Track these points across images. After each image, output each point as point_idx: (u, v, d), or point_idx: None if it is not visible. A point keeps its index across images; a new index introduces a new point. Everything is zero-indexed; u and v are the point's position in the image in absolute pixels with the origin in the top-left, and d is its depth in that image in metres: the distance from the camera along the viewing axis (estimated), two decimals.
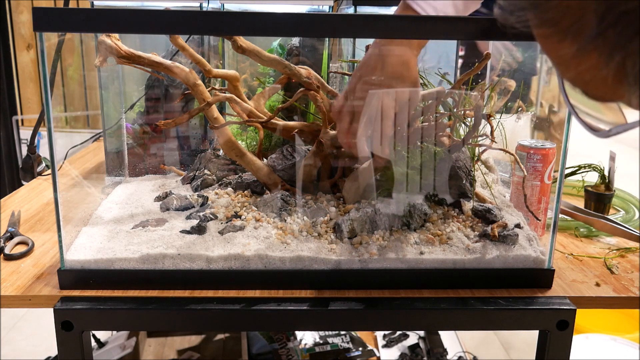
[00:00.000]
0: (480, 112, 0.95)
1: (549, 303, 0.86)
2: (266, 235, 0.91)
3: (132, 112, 1.25)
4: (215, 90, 1.06)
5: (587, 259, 1.01)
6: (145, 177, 1.23)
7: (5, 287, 0.86)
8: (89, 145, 1.61)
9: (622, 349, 1.82)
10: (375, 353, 1.74)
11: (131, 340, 1.68)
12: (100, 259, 0.87)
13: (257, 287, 0.88)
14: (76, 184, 1.24)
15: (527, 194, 1.00)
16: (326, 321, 0.87)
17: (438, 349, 1.77)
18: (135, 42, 1.01)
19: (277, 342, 1.71)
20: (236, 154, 1.04)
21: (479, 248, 0.90)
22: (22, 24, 3.03)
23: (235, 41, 0.94)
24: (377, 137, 0.89)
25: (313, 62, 1.14)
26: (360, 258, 0.88)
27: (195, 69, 1.00)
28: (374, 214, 0.93)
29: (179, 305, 0.84)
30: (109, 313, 0.83)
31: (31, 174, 1.34)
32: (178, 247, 0.88)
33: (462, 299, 0.86)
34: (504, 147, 1.03)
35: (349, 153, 1.01)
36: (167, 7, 1.05)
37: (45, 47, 0.78)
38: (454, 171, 1.01)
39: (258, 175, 1.05)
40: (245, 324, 0.88)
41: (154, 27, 0.77)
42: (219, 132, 1.01)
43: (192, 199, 1.03)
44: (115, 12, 0.75)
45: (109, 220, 0.99)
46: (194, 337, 1.80)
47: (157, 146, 1.24)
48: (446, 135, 1.02)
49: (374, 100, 0.86)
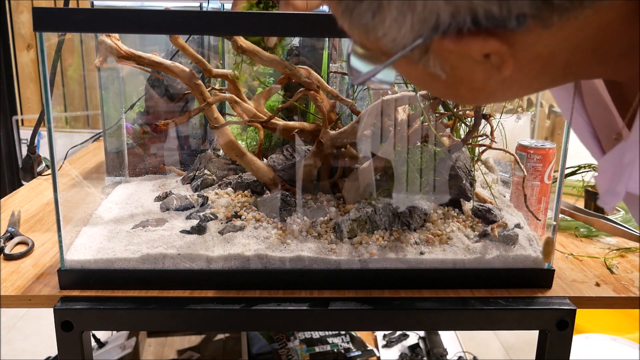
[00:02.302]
0: (480, 112, 0.95)
1: (549, 303, 0.86)
2: (266, 235, 0.91)
3: (132, 112, 1.25)
4: (215, 90, 1.06)
5: (587, 259, 1.01)
6: (145, 177, 1.23)
7: (5, 287, 0.86)
8: (89, 145, 1.60)
9: (622, 349, 1.82)
10: (375, 353, 1.74)
11: (131, 340, 1.68)
12: (100, 259, 0.87)
13: (257, 287, 0.88)
14: (76, 184, 1.24)
15: (527, 194, 1.00)
16: (326, 321, 0.87)
17: (438, 349, 1.76)
18: (135, 42, 1.01)
19: (277, 342, 1.71)
20: (236, 154, 1.03)
21: (479, 248, 0.90)
22: (22, 24, 3.03)
23: (235, 41, 0.94)
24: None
25: (313, 62, 1.14)
26: (360, 258, 0.88)
27: (195, 69, 1.00)
28: (374, 214, 0.93)
29: (179, 305, 0.84)
30: (109, 313, 0.83)
31: (31, 174, 1.34)
32: (178, 247, 0.88)
33: (462, 299, 0.86)
34: (504, 147, 1.03)
35: (349, 153, 1.01)
36: (167, 7, 1.05)
37: (45, 47, 0.78)
38: (454, 171, 1.01)
39: (258, 175, 1.05)
40: (245, 324, 0.88)
41: (154, 27, 0.77)
42: (219, 132, 1.01)
43: (192, 199, 1.03)
44: (115, 12, 0.75)
45: (109, 220, 0.99)
46: (194, 337, 1.80)
47: (157, 146, 1.24)
48: (446, 135, 1.02)
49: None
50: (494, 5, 0.36)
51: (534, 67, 0.42)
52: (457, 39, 0.38)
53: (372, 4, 0.39)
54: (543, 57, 0.41)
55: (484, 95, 0.46)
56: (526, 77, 0.43)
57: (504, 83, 0.43)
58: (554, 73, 0.43)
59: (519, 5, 0.36)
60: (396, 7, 0.38)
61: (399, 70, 0.46)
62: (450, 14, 0.37)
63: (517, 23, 0.37)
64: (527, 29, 0.38)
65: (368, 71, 0.44)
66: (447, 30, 0.38)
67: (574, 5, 0.37)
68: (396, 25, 0.39)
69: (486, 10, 0.36)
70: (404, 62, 0.43)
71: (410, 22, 0.38)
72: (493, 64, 0.40)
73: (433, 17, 0.37)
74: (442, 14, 0.37)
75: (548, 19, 0.37)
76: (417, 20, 0.38)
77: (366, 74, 0.45)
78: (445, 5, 0.37)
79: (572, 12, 0.37)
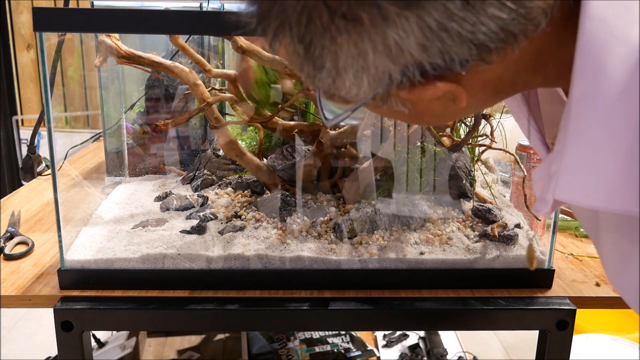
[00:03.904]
0: (480, 112, 0.95)
1: (549, 303, 0.86)
2: (266, 235, 0.91)
3: (132, 112, 1.25)
4: (215, 90, 1.06)
5: (587, 259, 1.01)
6: (145, 177, 1.23)
7: (5, 287, 0.86)
8: (89, 145, 1.60)
9: (622, 349, 1.81)
10: (375, 353, 1.74)
11: (131, 340, 1.68)
12: (100, 259, 0.87)
13: (257, 287, 0.88)
14: (76, 184, 1.24)
15: (527, 194, 0.99)
16: (326, 321, 0.87)
17: (438, 349, 1.76)
18: (135, 42, 1.01)
19: (277, 342, 1.71)
20: (236, 154, 1.03)
21: (479, 248, 0.90)
22: (22, 24, 3.03)
23: (235, 41, 0.94)
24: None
25: None
26: (360, 258, 0.88)
27: (195, 69, 1.00)
28: (374, 214, 0.93)
29: (179, 305, 0.84)
30: (109, 313, 0.83)
31: (31, 174, 1.34)
32: (178, 247, 0.88)
33: (462, 299, 0.86)
34: (504, 147, 1.03)
35: (349, 153, 1.01)
36: (167, 7, 1.05)
37: (45, 47, 0.78)
38: (454, 171, 1.01)
39: (258, 175, 1.05)
40: (245, 324, 0.88)
41: (154, 27, 0.77)
42: (219, 132, 1.01)
43: (192, 199, 1.03)
44: (115, 12, 0.75)
45: (109, 220, 0.99)
46: (194, 337, 1.80)
47: (157, 146, 1.24)
48: (446, 135, 1.02)
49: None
50: (437, 58, 0.40)
51: (487, 90, 0.46)
52: (410, 89, 0.43)
53: (330, 73, 0.42)
54: (492, 82, 0.45)
55: (446, 119, 0.53)
56: (481, 100, 0.48)
57: (462, 109, 0.47)
58: (505, 90, 0.48)
59: (459, 53, 0.40)
60: (352, 73, 0.42)
61: (368, 109, 0.50)
62: (400, 72, 0.41)
63: (461, 65, 0.41)
64: (471, 68, 0.42)
65: (338, 115, 0.49)
66: (400, 84, 0.42)
67: (509, 42, 0.40)
68: (355, 87, 0.43)
69: (431, 62, 0.40)
70: (370, 105, 0.48)
71: (367, 82, 0.42)
72: (448, 98, 0.44)
73: (386, 76, 0.42)
74: (392, 72, 0.41)
75: (488, 58, 0.41)
76: (372, 80, 0.42)
77: (336, 117, 0.49)
78: (394, 65, 0.41)
79: (508, 48, 0.41)
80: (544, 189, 0.48)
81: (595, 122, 0.41)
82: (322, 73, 0.43)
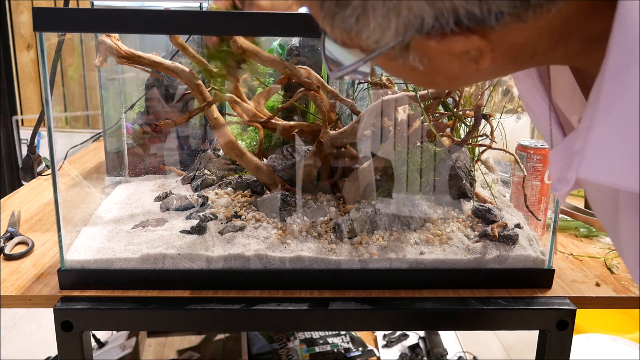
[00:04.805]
0: (480, 112, 0.95)
1: (549, 303, 0.86)
2: (266, 235, 0.91)
3: (132, 112, 1.25)
4: (215, 90, 1.06)
5: (587, 259, 1.01)
6: (145, 177, 1.23)
7: (5, 287, 0.86)
8: (89, 145, 1.60)
9: (622, 349, 1.81)
10: (375, 353, 1.74)
11: (131, 340, 1.68)
12: (100, 259, 0.87)
13: (257, 287, 0.88)
14: (76, 184, 1.24)
15: (527, 194, 1.00)
16: (326, 321, 0.87)
17: (438, 349, 1.76)
18: (135, 42, 1.01)
19: (277, 342, 1.71)
20: (236, 154, 1.03)
21: (479, 248, 0.90)
22: (22, 24, 3.03)
23: (235, 41, 0.93)
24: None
25: (313, 62, 1.14)
26: (360, 258, 0.88)
27: (195, 69, 1.00)
28: (374, 214, 0.93)
29: (179, 305, 0.84)
30: (109, 313, 0.83)
31: (31, 174, 1.34)
32: (178, 247, 0.88)
33: (462, 299, 0.86)
34: (504, 147, 1.03)
35: (349, 153, 1.01)
36: (167, 7, 1.05)
37: (45, 47, 0.78)
38: (454, 171, 1.01)
39: (258, 175, 1.05)
40: (245, 324, 0.88)
41: (154, 27, 0.77)
42: (219, 132, 1.01)
43: (192, 199, 1.03)
44: (115, 12, 0.75)
45: (109, 220, 0.99)
46: (194, 337, 1.80)
47: (157, 146, 1.24)
48: (446, 135, 1.02)
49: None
50: (475, 6, 0.38)
51: (507, 56, 0.44)
52: (440, 38, 0.40)
53: (356, 10, 0.40)
54: (516, 46, 0.43)
55: (458, 82, 0.50)
56: (498, 66, 0.46)
57: (478, 71, 0.45)
58: (522, 60, 0.46)
59: (497, 4, 0.38)
60: (381, 12, 0.39)
61: (376, 64, 0.48)
62: (434, 17, 0.39)
63: (496, 19, 0.39)
64: (505, 24, 0.40)
65: (347, 66, 0.46)
66: (430, 31, 0.40)
67: (549, 0, 0.39)
68: (380, 29, 0.40)
69: (468, 10, 0.38)
70: (383, 57, 0.45)
71: (395, 25, 0.39)
72: (471, 57, 0.43)
73: (417, 20, 0.39)
74: (426, 16, 0.39)
75: (524, 14, 0.39)
76: (402, 24, 0.39)
77: (345, 68, 0.46)
78: (429, 9, 0.38)
79: (545, 7, 0.39)
80: (563, 168, 0.45)
81: (630, 97, 0.39)
82: (346, 10, 0.40)
